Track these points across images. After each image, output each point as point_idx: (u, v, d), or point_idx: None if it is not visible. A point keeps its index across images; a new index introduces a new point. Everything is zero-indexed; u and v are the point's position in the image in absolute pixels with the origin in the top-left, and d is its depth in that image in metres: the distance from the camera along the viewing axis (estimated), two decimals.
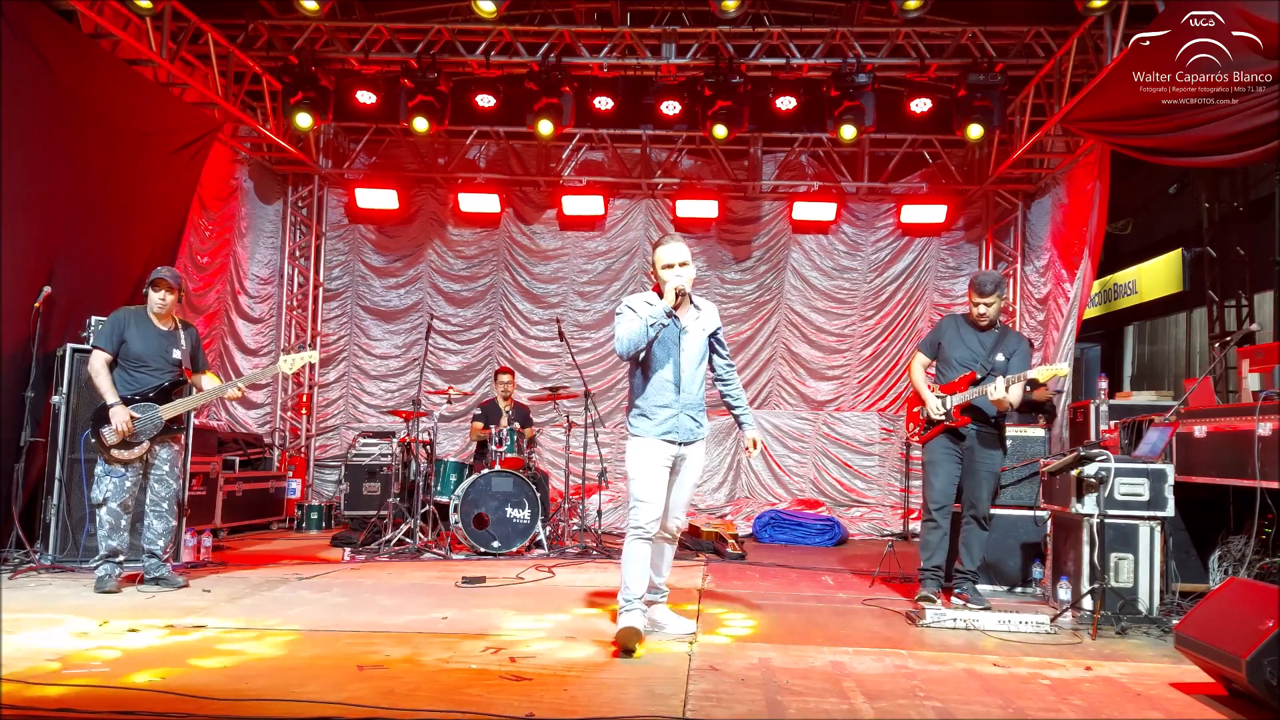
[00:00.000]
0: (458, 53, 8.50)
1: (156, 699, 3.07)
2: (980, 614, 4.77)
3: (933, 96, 8.60)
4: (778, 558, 7.75)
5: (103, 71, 6.88)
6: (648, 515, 4.15)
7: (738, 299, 10.42)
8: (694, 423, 4.28)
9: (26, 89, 5.98)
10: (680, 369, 4.24)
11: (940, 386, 5.37)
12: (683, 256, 4.22)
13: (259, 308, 10.26)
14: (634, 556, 4.17)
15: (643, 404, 4.26)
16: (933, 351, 5.53)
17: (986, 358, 5.27)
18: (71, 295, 6.47)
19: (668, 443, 4.21)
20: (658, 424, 4.21)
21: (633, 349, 4.16)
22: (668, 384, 4.23)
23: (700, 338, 4.33)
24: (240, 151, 9.72)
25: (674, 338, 4.24)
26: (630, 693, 3.35)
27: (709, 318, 4.40)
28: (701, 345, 4.33)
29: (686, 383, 4.24)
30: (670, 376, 4.23)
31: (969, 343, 5.36)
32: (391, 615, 4.72)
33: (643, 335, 4.13)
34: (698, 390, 4.31)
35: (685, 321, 4.30)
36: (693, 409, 4.27)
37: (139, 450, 5.31)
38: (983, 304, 5.26)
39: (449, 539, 7.29)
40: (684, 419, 4.23)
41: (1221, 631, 3.43)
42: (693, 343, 4.29)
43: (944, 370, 5.44)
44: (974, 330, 5.38)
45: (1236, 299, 9.55)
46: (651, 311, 4.16)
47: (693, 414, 4.27)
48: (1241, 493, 4.83)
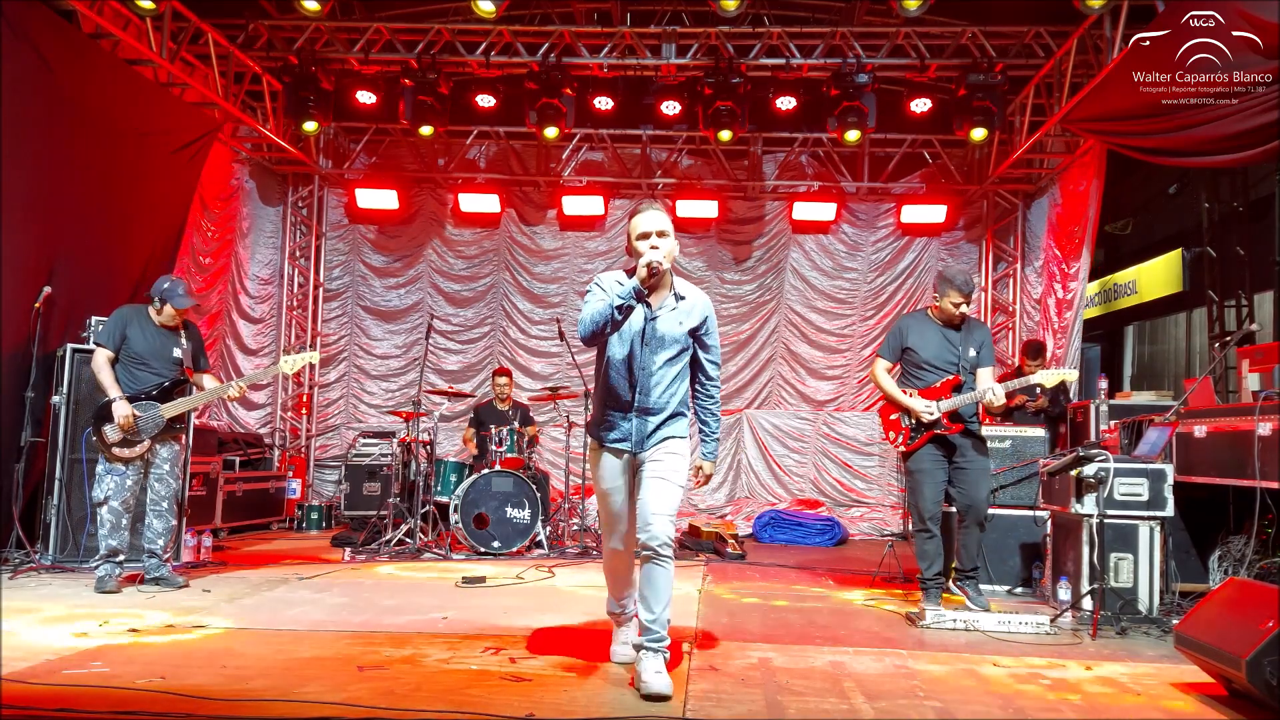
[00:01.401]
0: (458, 53, 8.50)
1: (156, 699, 3.06)
2: (980, 614, 4.76)
3: (933, 96, 8.61)
4: (778, 558, 7.75)
5: (103, 71, 6.88)
6: (612, 539, 3.67)
7: (738, 299, 10.43)
8: (654, 428, 3.52)
9: (26, 89, 5.98)
10: (638, 366, 3.49)
11: (920, 391, 5.19)
12: (661, 225, 3.51)
13: (259, 308, 10.26)
14: (606, 567, 3.80)
15: (598, 405, 3.65)
16: (895, 355, 5.34)
17: (962, 355, 5.14)
18: (71, 295, 6.47)
19: (620, 452, 3.55)
20: (608, 430, 3.56)
21: (592, 330, 3.43)
22: (622, 382, 3.52)
23: (674, 330, 3.53)
24: (240, 151, 9.72)
25: (636, 326, 3.50)
26: (630, 693, 3.34)
27: (692, 312, 3.59)
28: (674, 340, 3.53)
29: (647, 383, 3.49)
30: (624, 374, 3.51)
31: (939, 341, 5.19)
32: (391, 615, 4.72)
33: (605, 316, 3.38)
34: (663, 395, 3.52)
35: (658, 309, 3.54)
36: (652, 413, 3.51)
37: (140, 449, 5.32)
38: (965, 305, 5.14)
39: (449, 539, 7.29)
40: (638, 424, 3.51)
41: (1221, 631, 3.43)
42: (661, 335, 3.51)
43: (916, 373, 5.24)
44: (939, 327, 5.23)
45: (1236, 299, 9.55)
46: (619, 290, 3.41)
47: (653, 419, 3.51)
48: (1241, 493, 4.83)
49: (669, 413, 3.54)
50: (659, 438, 3.52)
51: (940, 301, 5.22)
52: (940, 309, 5.23)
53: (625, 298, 3.38)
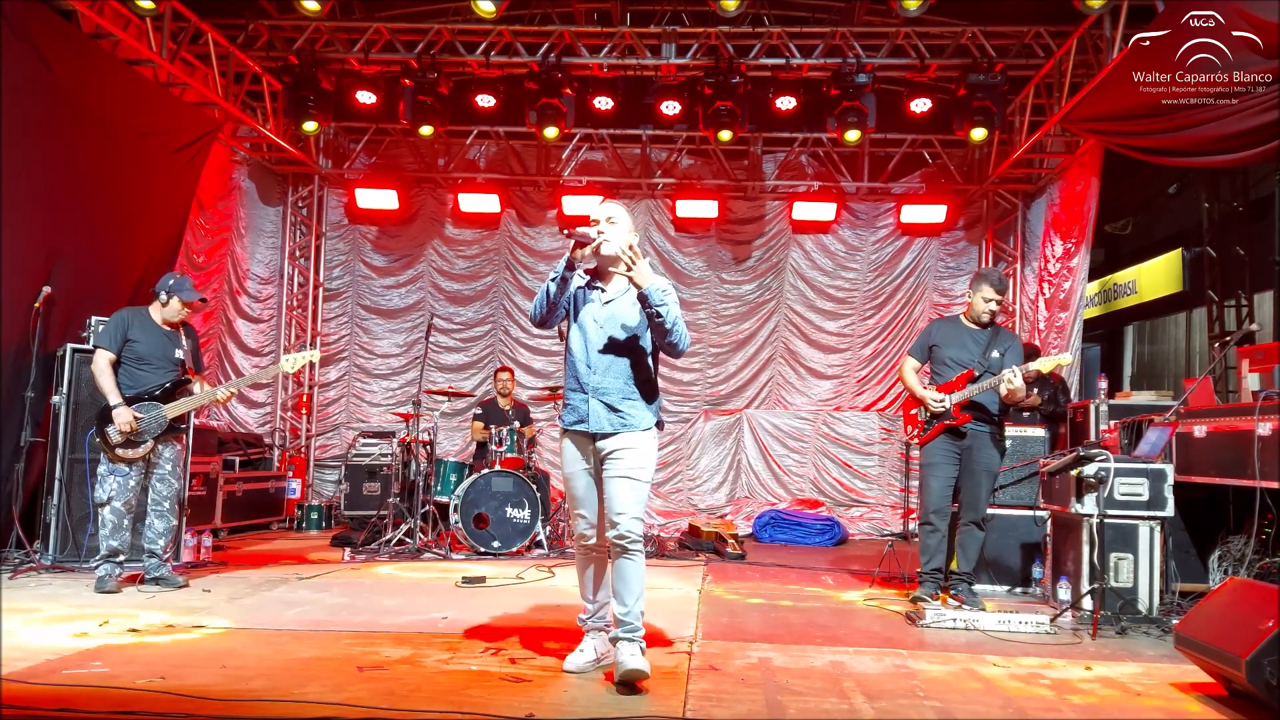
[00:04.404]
0: (458, 53, 8.50)
1: (156, 699, 3.06)
2: (980, 614, 4.76)
3: (933, 96, 8.60)
4: (778, 557, 7.75)
5: (103, 71, 6.88)
6: (583, 526, 3.68)
7: (738, 299, 10.43)
8: (612, 412, 3.55)
9: (26, 89, 5.98)
10: (592, 343, 3.61)
11: (937, 387, 5.35)
12: (608, 213, 3.63)
13: (259, 308, 10.26)
14: (579, 569, 3.81)
15: (565, 390, 3.73)
16: (923, 355, 5.51)
17: (983, 355, 5.26)
18: (71, 295, 6.46)
19: (580, 435, 3.62)
20: (570, 412, 3.65)
21: (537, 309, 3.62)
22: (579, 364, 3.63)
23: (628, 311, 3.63)
24: (240, 151, 9.72)
25: (590, 308, 3.66)
26: (630, 693, 3.34)
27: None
28: (626, 318, 3.63)
29: (600, 363, 3.58)
30: (581, 354, 3.63)
31: (964, 342, 5.35)
32: (391, 615, 4.72)
33: (542, 293, 3.58)
34: (618, 373, 3.59)
35: (612, 291, 3.68)
36: (609, 395, 3.56)
37: (144, 449, 5.32)
38: (995, 300, 5.27)
39: (449, 539, 7.29)
40: (596, 405, 3.56)
41: (1221, 631, 3.43)
42: (614, 315, 3.63)
43: (940, 371, 5.42)
44: (968, 329, 5.38)
45: (1236, 299, 9.55)
46: (555, 265, 3.60)
47: (610, 401, 3.56)
48: (1241, 493, 4.83)
49: (624, 395, 3.59)
50: (618, 425, 3.56)
51: (973, 298, 5.38)
52: (971, 306, 5.38)
53: (559, 270, 3.56)
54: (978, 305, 5.32)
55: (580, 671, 3.62)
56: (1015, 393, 5.03)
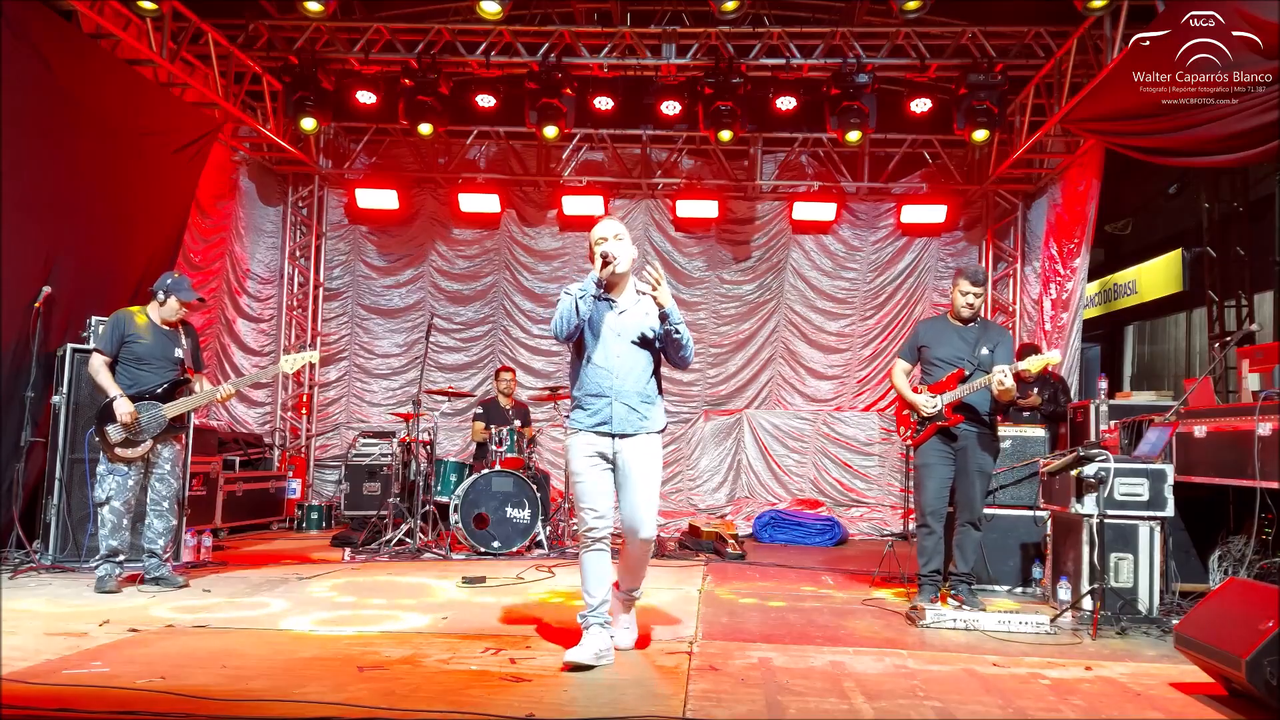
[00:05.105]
0: (458, 53, 8.50)
1: (156, 699, 3.06)
2: (980, 614, 4.76)
3: (933, 96, 8.61)
4: (778, 558, 7.75)
5: (103, 72, 6.88)
6: (592, 519, 3.85)
7: (738, 299, 10.43)
8: (633, 413, 3.85)
9: (26, 89, 5.98)
10: (612, 351, 3.86)
11: (929, 387, 5.30)
12: (614, 230, 3.89)
13: (259, 308, 10.26)
14: (587, 565, 3.90)
15: (578, 394, 3.93)
16: (913, 356, 5.47)
17: (972, 352, 5.23)
18: (71, 295, 6.46)
19: (600, 435, 3.86)
20: (590, 415, 3.88)
21: (565, 327, 3.80)
22: (599, 369, 3.86)
23: (641, 321, 3.90)
24: (240, 151, 9.72)
25: (607, 318, 3.89)
26: (630, 693, 3.35)
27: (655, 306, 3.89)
28: (642, 327, 3.89)
29: (620, 368, 3.84)
30: (602, 361, 3.86)
31: (952, 339, 5.30)
32: (391, 615, 4.72)
33: (571, 310, 3.77)
34: (637, 378, 3.87)
35: (623, 303, 3.94)
36: (630, 398, 3.84)
37: (143, 448, 5.32)
38: (973, 293, 5.25)
39: (449, 539, 7.30)
40: (619, 408, 3.83)
41: (1221, 631, 3.43)
42: (630, 324, 3.89)
43: (930, 371, 5.38)
44: (955, 327, 5.34)
45: (1236, 299, 9.55)
46: (581, 285, 3.82)
47: (630, 403, 3.85)
48: (1241, 493, 4.83)
49: (643, 398, 3.91)
50: (639, 425, 3.88)
51: (952, 293, 5.39)
52: (952, 302, 5.38)
53: (587, 289, 3.80)
54: (957, 301, 5.31)
55: (581, 663, 3.64)
56: (1008, 392, 5.03)
